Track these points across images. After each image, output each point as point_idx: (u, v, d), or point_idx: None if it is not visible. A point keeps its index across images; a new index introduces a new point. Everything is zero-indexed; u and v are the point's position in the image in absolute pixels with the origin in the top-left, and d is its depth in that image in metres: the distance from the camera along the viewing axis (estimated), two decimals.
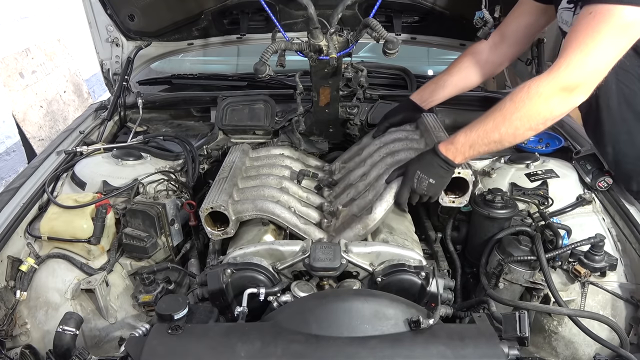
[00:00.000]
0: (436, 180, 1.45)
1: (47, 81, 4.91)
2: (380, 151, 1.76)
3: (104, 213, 1.64)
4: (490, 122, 1.38)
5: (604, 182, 1.72)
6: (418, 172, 1.45)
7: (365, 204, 1.56)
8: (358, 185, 1.66)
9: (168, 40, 2.36)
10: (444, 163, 1.44)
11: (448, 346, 1.05)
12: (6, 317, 1.49)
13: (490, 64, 1.84)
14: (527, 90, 1.32)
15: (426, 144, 1.69)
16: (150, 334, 1.10)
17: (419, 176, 1.45)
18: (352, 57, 1.94)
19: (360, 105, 2.18)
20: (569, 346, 1.52)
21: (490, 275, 1.59)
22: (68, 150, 2.03)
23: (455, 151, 1.43)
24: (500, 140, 1.38)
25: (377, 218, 1.48)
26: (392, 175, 1.53)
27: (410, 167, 1.49)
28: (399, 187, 1.49)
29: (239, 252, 1.44)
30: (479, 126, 1.40)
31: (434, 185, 1.46)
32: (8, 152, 4.27)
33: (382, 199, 1.50)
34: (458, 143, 1.43)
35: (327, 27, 1.57)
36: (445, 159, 1.43)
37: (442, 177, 1.46)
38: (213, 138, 2.18)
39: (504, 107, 1.35)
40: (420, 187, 1.46)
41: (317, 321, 1.10)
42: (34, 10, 4.97)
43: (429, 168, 1.45)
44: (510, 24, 1.77)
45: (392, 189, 1.50)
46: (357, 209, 1.57)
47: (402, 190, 1.48)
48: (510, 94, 1.36)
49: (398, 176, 1.51)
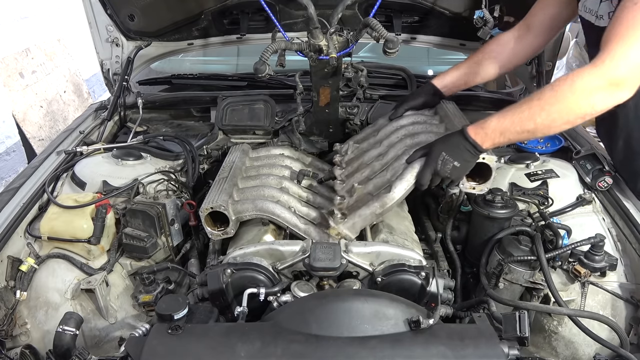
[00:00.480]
0: (461, 164, 1.41)
1: (47, 81, 4.91)
2: (398, 133, 1.72)
3: (104, 213, 1.64)
4: (526, 110, 1.34)
5: (604, 182, 1.72)
6: (443, 153, 1.41)
7: (382, 183, 1.53)
8: (374, 165, 1.62)
9: (168, 40, 2.36)
10: (471, 147, 1.40)
11: (448, 346, 1.05)
12: (6, 317, 1.49)
13: (516, 55, 1.81)
14: (571, 83, 1.28)
15: (446, 128, 1.65)
16: (150, 334, 1.10)
17: (443, 158, 1.40)
18: (352, 57, 1.94)
19: (360, 105, 2.18)
20: (569, 346, 1.52)
21: (490, 275, 1.59)
22: (68, 150, 2.03)
23: (485, 136, 1.39)
24: (534, 131, 1.35)
25: (395, 197, 1.44)
26: (414, 155, 1.49)
27: (435, 147, 1.44)
28: (422, 167, 1.45)
29: (239, 252, 1.44)
30: (514, 113, 1.35)
31: (458, 168, 1.41)
32: (8, 152, 4.28)
33: (403, 178, 1.45)
34: (489, 128, 1.39)
35: (327, 27, 1.57)
36: (474, 143, 1.39)
37: (467, 161, 1.42)
38: (213, 138, 2.18)
39: (543, 97, 1.31)
40: (444, 169, 1.41)
41: (317, 321, 1.10)
42: (34, 10, 4.97)
43: (455, 150, 1.41)
44: (536, 14, 1.75)
45: (414, 169, 1.46)
46: (374, 188, 1.53)
47: (425, 171, 1.43)
48: (551, 84, 1.32)
49: (421, 156, 1.47)
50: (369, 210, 1.45)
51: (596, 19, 1.54)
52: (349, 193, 1.58)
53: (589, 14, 1.52)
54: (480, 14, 1.89)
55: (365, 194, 1.53)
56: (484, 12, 1.89)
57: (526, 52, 1.82)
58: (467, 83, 1.86)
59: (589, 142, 1.93)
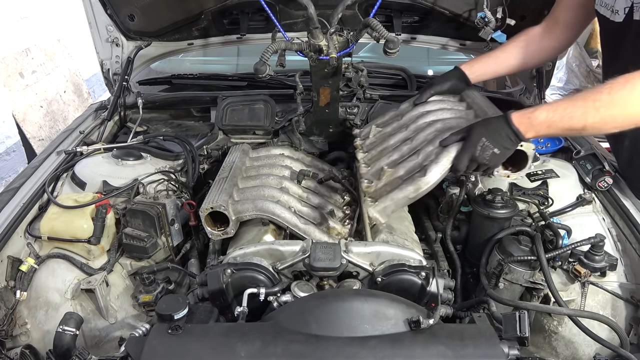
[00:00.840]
0: (500, 151, 1.36)
1: (47, 81, 4.91)
2: (426, 117, 1.67)
3: (104, 213, 1.64)
4: (579, 109, 1.30)
5: (604, 182, 1.72)
6: (483, 139, 1.35)
7: (413, 166, 1.48)
8: (402, 149, 1.58)
9: (168, 40, 2.36)
10: (513, 135, 1.35)
11: (448, 346, 1.05)
12: (6, 317, 1.49)
13: (545, 48, 1.79)
14: (631, 88, 1.23)
15: (476, 115, 1.62)
16: (150, 334, 1.10)
17: (483, 144, 1.35)
18: (352, 57, 1.95)
19: (360, 105, 2.18)
20: (569, 346, 1.52)
21: (490, 275, 1.59)
22: (68, 150, 2.03)
23: (530, 126, 1.34)
24: (582, 130, 1.32)
25: (431, 181, 1.39)
26: (450, 138, 1.43)
27: (474, 132, 1.38)
28: (459, 151, 1.39)
29: (239, 252, 1.44)
30: (565, 109, 1.31)
31: (497, 156, 1.37)
32: (8, 152, 4.28)
33: (438, 162, 1.40)
34: (535, 118, 1.34)
35: (327, 27, 1.57)
36: (517, 131, 1.35)
37: (507, 149, 1.38)
38: (213, 138, 2.18)
39: (599, 99, 1.27)
40: (482, 155, 1.36)
41: (317, 321, 1.10)
42: (34, 10, 4.97)
43: (496, 137, 1.36)
44: (560, 9, 1.74)
45: (450, 153, 1.40)
46: (405, 172, 1.48)
47: (462, 156, 1.38)
48: (608, 86, 1.28)
49: (458, 140, 1.41)
50: (402, 194, 1.40)
51: (612, 13, 1.52)
52: (376, 176, 1.53)
53: (604, 9, 1.50)
54: (482, 14, 1.89)
55: (395, 178, 1.48)
56: (486, 12, 1.88)
57: (555, 46, 1.79)
58: (495, 72, 1.83)
59: (589, 142, 1.92)
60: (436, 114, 1.68)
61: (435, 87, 1.81)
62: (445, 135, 1.46)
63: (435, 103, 1.77)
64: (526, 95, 2.36)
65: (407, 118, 1.76)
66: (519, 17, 2.10)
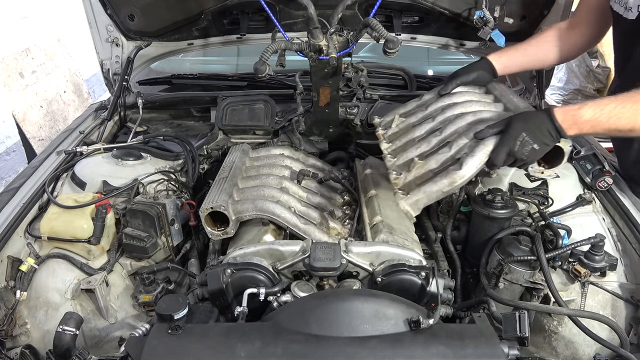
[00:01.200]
0: (540, 147, 1.32)
1: (47, 81, 4.91)
2: (454, 109, 1.62)
3: (104, 213, 1.64)
4: (628, 110, 1.27)
5: (604, 182, 1.72)
6: (523, 134, 1.30)
7: (445, 159, 1.43)
8: (430, 140, 1.53)
9: (168, 40, 2.36)
10: (554, 131, 1.31)
11: (448, 346, 1.05)
12: (6, 317, 1.49)
13: (572, 45, 1.76)
14: None
15: (505, 108, 1.58)
16: (150, 334, 1.10)
17: (523, 139, 1.30)
18: (352, 57, 1.94)
19: (360, 105, 2.18)
20: (569, 346, 1.52)
21: (490, 275, 1.59)
22: (68, 150, 2.03)
23: (573, 123, 1.31)
24: (629, 131, 1.30)
25: (466, 175, 1.33)
26: (486, 131, 1.37)
27: (513, 125, 1.33)
28: (496, 145, 1.34)
29: (239, 252, 1.44)
30: (614, 109, 1.28)
31: (536, 152, 1.32)
32: (8, 152, 4.27)
33: (474, 155, 1.34)
34: (580, 116, 1.31)
35: (327, 27, 1.57)
36: (559, 128, 1.31)
37: (546, 145, 1.33)
38: (213, 138, 2.18)
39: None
40: (521, 150, 1.31)
41: (317, 321, 1.10)
42: (34, 10, 4.97)
43: (537, 132, 1.31)
44: (583, 7, 1.72)
45: (486, 146, 1.35)
46: (436, 164, 1.44)
47: (500, 150, 1.32)
48: None
49: (495, 133, 1.36)
50: (435, 187, 1.35)
51: (625, 10, 1.51)
52: (404, 168, 1.48)
53: (618, 5, 1.49)
54: (481, 14, 1.89)
55: (426, 171, 1.43)
56: (484, 12, 1.88)
57: (582, 42, 1.77)
58: (522, 65, 1.80)
59: (589, 142, 1.92)
60: (464, 106, 1.62)
61: (462, 77, 1.75)
62: (478, 127, 1.41)
63: (462, 95, 1.72)
64: (526, 95, 2.36)
65: (432, 109, 1.70)
66: (519, 17, 2.10)
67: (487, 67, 1.77)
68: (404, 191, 1.42)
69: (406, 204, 1.39)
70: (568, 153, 1.40)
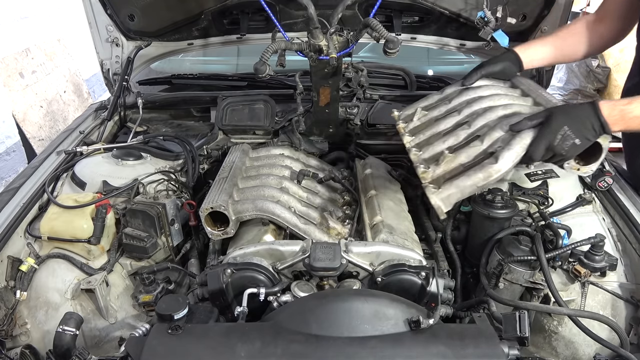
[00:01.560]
0: (581, 143, 1.25)
1: (47, 81, 4.91)
2: (481, 103, 1.57)
3: (104, 213, 1.64)
4: None
5: (604, 182, 1.72)
6: (565, 127, 1.23)
7: (477, 153, 1.37)
8: (458, 134, 1.48)
9: (168, 40, 2.36)
10: (599, 126, 1.25)
11: (448, 346, 1.05)
12: (6, 317, 1.49)
13: (598, 38, 1.71)
14: None
15: (535, 102, 1.53)
16: (150, 334, 1.10)
17: (565, 132, 1.23)
18: (352, 57, 1.94)
19: (360, 105, 2.18)
20: (569, 346, 1.52)
21: (490, 275, 1.59)
22: (68, 150, 2.03)
23: (620, 119, 1.25)
24: None
25: (502, 169, 1.28)
26: (523, 123, 1.30)
27: (555, 118, 1.26)
28: (535, 138, 1.27)
29: (239, 252, 1.44)
30: None
31: (577, 147, 1.25)
32: (8, 152, 4.28)
33: (511, 148, 1.29)
34: (629, 112, 1.25)
35: (327, 27, 1.57)
36: (604, 123, 1.24)
37: (588, 141, 1.26)
38: (213, 138, 2.18)
39: None
40: (562, 145, 1.24)
41: (317, 321, 1.10)
42: (34, 10, 4.97)
43: (580, 127, 1.24)
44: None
45: (524, 140, 1.29)
46: (467, 158, 1.38)
47: (539, 143, 1.25)
48: None
49: (534, 126, 1.29)
50: (469, 182, 1.29)
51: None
52: (431, 161, 1.43)
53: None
54: (482, 14, 1.89)
55: (457, 165, 1.38)
56: (486, 12, 1.88)
57: (610, 36, 1.72)
58: (549, 58, 1.74)
59: None
60: (492, 99, 1.57)
61: (487, 68, 1.69)
62: (512, 120, 1.35)
63: (487, 88, 1.66)
64: None
65: (457, 102, 1.65)
66: (520, 17, 2.10)
67: (514, 59, 1.70)
68: (436, 185, 1.35)
69: (438, 198, 1.33)
70: (606, 150, 1.32)
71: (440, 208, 1.32)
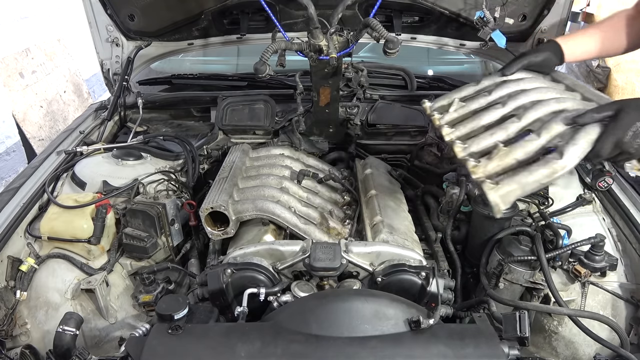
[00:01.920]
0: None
1: (47, 81, 4.91)
2: (528, 96, 1.48)
3: (104, 213, 1.64)
4: None
5: (604, 182, 1.72)
6: (638, 123, 1.14)
7: (535, 148, 1.29)
8: (507, 127, 1.40)
9: (168, 40, 2.36)
10: None
11: (448, 346, 1.05)
12: (6, 317, 1.49)
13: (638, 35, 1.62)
14: None
15: (584, 97, 1.46)
16: (150, 334, 1.10)
17: (637, 129, 1.14)
18: (352, 57, 1.94)
19: (360, 105, 2.18)
20: (569, 346, 1.52)
21: (491, 275, 1.59)
22: (68, 150, 2.03)
23: None
24: None
25: (567, 165, 1.20)
26: (589, 116, 1.21)
27: (627, 112, 1.16)
28: (602, 133, 1.18)
29: (239, 252, 1.44)
30: None
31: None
32: (8, 152, 4.28)
33: (576, 143, 1.21)
34: None
35: (327, 27, 1.57)
36: None
37: None
38: (213, 138, 2.18)
39: None
40: (632, 142, 1.15)
41: (317, 321, 1.10)
42: (34, 10, 4.98)
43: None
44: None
45: (589, 135, 1.21)
46: (523, 153, 1.30)
47: (607, 139, 1.16)
48: None
49: (601, 120, 1.20)
50: (532, 178, 1.22)
51: None
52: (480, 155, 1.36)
53: None
54: (481, 14, 1.89)
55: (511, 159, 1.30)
56: (485, 12, 1.88)
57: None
58: (590, 51, 1.66)
59: None
60: (540, 92, 1.49)
61: (529, 57, 1.60)
62: (570, 114, 1.27)
63: (529, 81, 1.58)
64: None
65: (498, 95, 1.56)
66: (520, 17, 2.10)
67: (556, 51, 1.61)
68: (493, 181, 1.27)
69: (496, 195, 1.25)
70: None
71: (499, 206, 1.24)
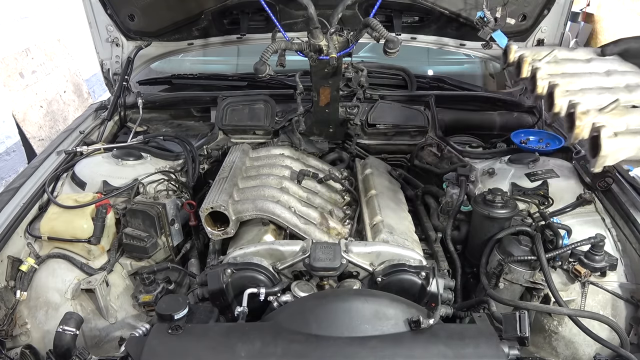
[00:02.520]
0: None
1: (47, 81, 4.91)
2: (625, 76, 1.49)
3: (104, 213, 1.64)
4: None
5: (604, 182, 1.72)
6: None
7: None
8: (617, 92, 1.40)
9: (168, 40, 2.36)
10: None
11: (448, 346, 1.05)
12: (6, 317, 1.49)
13: None
14: None
15: None
16: (151, 334, 1.10)
17: None
18: (352, 57, 1.94)
19: (360, 105, 2.18)
20: (569, 346, 1.52)
21: (491, 275, 1.59)
22: (68, 150, 2.03)
23: None
24: None
25: None
26: None
27: None
28: None
29: (239, 252, 1.44)
30: None
31: None
32: (8, 152, 4.28)
33: None
34: None
35: (327, 27, 1.57)
36: None
37: None
38: (213, 138, 2.18)
39: None
40: None
41: (317, 321, 1.10)
42: (34, 10, 4.97)
43: None
44: None
45: None
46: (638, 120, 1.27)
47: None
48: None
49: None
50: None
51: None
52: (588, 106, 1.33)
53: None
54: (481, 14, 1.89)
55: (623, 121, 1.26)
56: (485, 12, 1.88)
57: None
58: None
59: None
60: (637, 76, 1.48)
61: (630, 42, 1.59)
62: None
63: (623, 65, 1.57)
64: (527, 95, 2.36)
65: (598, 66, 1.55)
66: (520, 17, 2.10)
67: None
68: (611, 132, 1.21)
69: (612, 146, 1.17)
70: None
71: (605, 159, 1.18)
